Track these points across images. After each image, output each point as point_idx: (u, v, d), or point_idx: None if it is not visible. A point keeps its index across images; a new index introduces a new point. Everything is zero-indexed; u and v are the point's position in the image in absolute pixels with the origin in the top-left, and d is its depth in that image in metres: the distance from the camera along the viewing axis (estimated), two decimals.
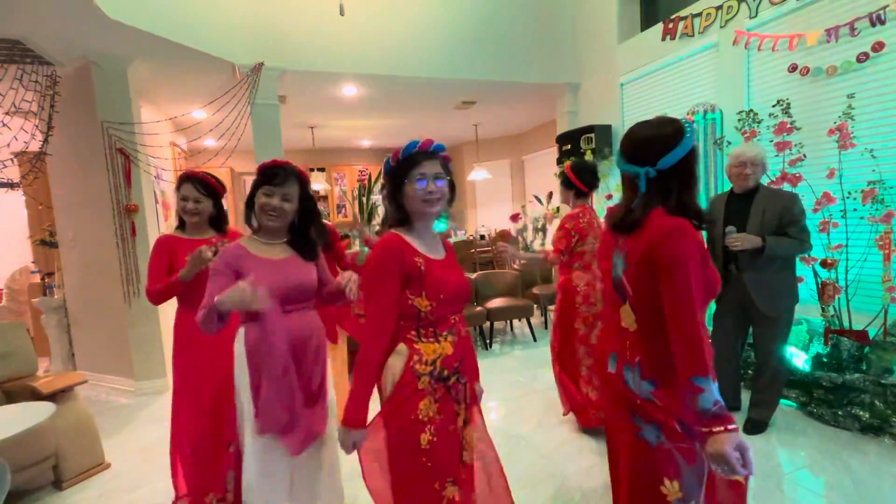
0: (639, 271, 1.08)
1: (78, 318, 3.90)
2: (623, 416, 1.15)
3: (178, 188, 1.84)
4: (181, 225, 1.89)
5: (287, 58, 3.79)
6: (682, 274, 0.99)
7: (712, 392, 0.97)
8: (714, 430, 0.96)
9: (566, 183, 2.55)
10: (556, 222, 3.62)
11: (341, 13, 3.31)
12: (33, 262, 4.56)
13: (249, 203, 1.49)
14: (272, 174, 1.44)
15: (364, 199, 5.13)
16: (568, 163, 2.56)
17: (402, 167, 1.24)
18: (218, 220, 1.92)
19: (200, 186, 1.83)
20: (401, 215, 1.26)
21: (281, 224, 1.47)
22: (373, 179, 4.76)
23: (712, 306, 3.20)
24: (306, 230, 1.55)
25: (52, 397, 2.28)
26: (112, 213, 3.42)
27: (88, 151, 3.45)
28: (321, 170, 7.17)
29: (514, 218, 5.26)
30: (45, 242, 4.09)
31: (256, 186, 1.46)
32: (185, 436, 1.80)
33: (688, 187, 1.09)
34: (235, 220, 7.03)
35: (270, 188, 1.44)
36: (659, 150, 1.07)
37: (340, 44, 3.94)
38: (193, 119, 4.71)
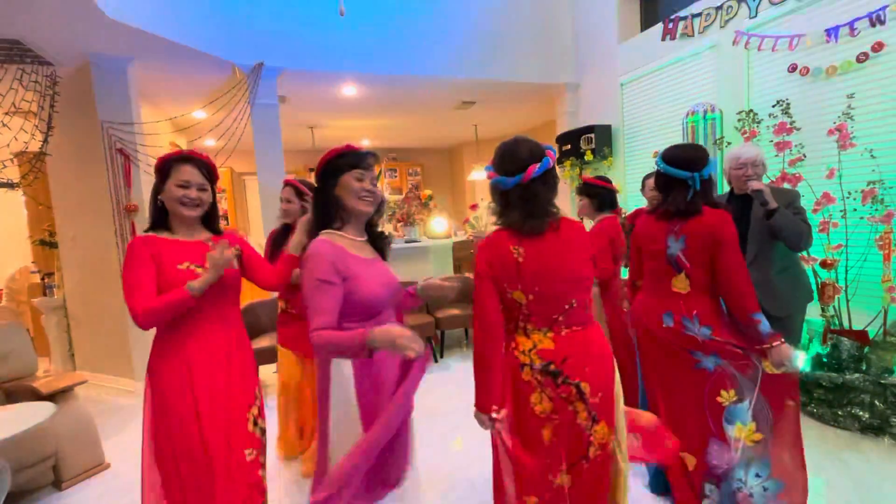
0: (702, 247, 1.57)
1: (78, 318, 3.90)
2: (681, 356, 1.63)
3: (166, 172, 1.39)
4: (160, 223, 1.43)
5: (287, 58, 3.79)
6: (736, 246, 1.56)
7: (765, 320, 1.51)
8: (774, 343, 1.49)
9: (589, 192, 2.47)
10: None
11: (341, 14, 3.31)
12: (33, 262, 4.56)
13: (326, 192, 1.26)
14: (363, 156, 1.26)
15: None
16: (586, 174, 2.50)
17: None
18: (211, 217, 1.49)
19: (206, 171, 1.43)
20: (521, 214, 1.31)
21: (372, 211, 1.29)
22: None
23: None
24: (378, 225, 1.38)
25: (51, 397, 2.28)
26: (112, 213, 3.42)
27: (88, 151, 3.45)
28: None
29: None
30: (45, 242, 4.09)
31: (338, 171, 1.24)
32: None
33: (713, 191, 1.67)
34: (236, 220, 7.04)
35: (362, 172, 1.24)
36: (703, 163, 1.60)
37: (340, 44, 3.94)
38: (193, 119, 4.71)
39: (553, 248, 1.24)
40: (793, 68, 2.88)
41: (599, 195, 2.49)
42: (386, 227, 6.26)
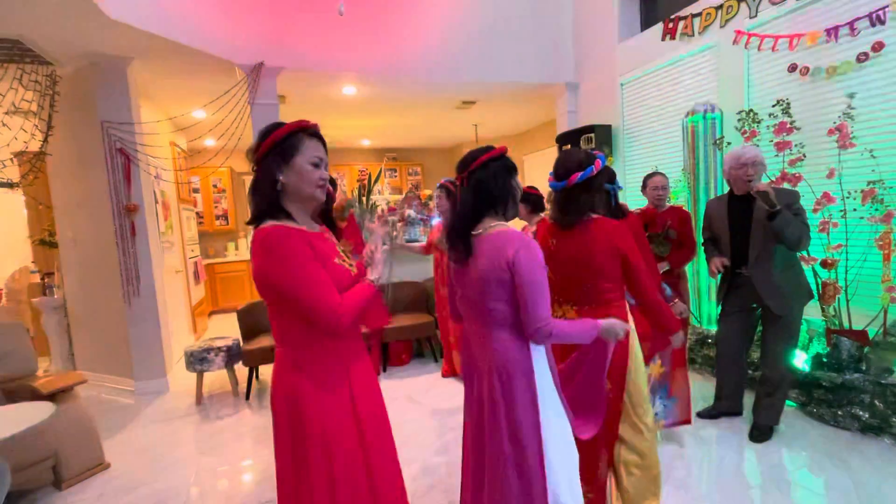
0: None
1: (78, 317, 3.90)
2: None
3: (294, 148, 1.11)
4: (278, 210, 1.13)
5: (287, 57, 3.79)
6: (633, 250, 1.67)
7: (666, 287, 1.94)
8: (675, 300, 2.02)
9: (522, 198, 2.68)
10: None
11: (341, 13, 3.31)
12: (33, 262, 4.56)
13: (509, 184, 1.29)
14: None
15: (364, 199, 5.12)
16: None
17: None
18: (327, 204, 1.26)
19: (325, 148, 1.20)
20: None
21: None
22: (372, 179, 4.74)
23: (716, 308, 3.19)
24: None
25: (51, 397, 2.29)
26: (112, 213, 3.42)
27: (88, 151, 3.45)
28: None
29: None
30: (45, 242, 4.09)
31: (510, 168, 1.29)
32: None
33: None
34: (236, 220, 7.04)
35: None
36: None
37: (340, 44, 3.93)
38: (193, 119, 4.71)
39: (578, 242, 1.44)
40: (793, 68, 2.88)
41: (531, 200, 2.77)
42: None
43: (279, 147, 1.11)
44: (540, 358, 1.25)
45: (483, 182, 1.27)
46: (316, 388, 1.11)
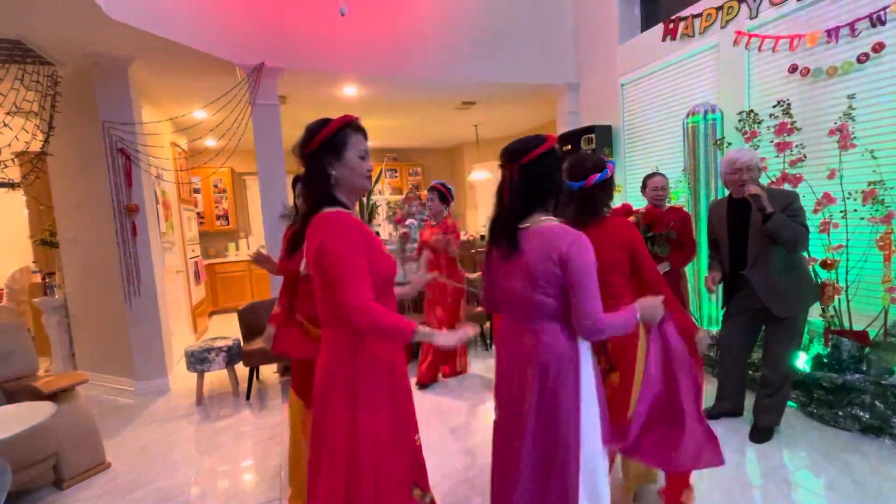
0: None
1: (78, 317, 3.90)
2: None
3: (344, 142, 1.20)
4: (334, 200, 1.21)
5: (287, 58, 3.79)
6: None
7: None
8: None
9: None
10: None
11: (342, 14, 3.32)
12: (34, 262, 4.56)
13: (561, 179, 1.30)
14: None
15: (364, 199, 5.12)
16: None
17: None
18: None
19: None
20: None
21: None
22: (373, 180, 4.72)
23: (718, 310, 3.19)
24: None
25: (52, 397, 2.29)
26: (113, 213, 3.42)
27: (89, 151, 3.46)
28: None
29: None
30: (46, 242, 4.09)
31: (561, 161, 1.31)
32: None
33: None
34: (236, 220, 7.04)
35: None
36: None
37: (341, 44, 3.94)
38: (194, 119, 4.71)
39: (593, 237, 1.38)
40: (793, 69, 2.88)
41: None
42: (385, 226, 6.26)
43: (329, 143, 1.19)
44: (586, 353, 1.25)
45: (537, 176, 1.25)
46: (373, 373, 1.18)
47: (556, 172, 1.27)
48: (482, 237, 6.93)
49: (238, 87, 3.70)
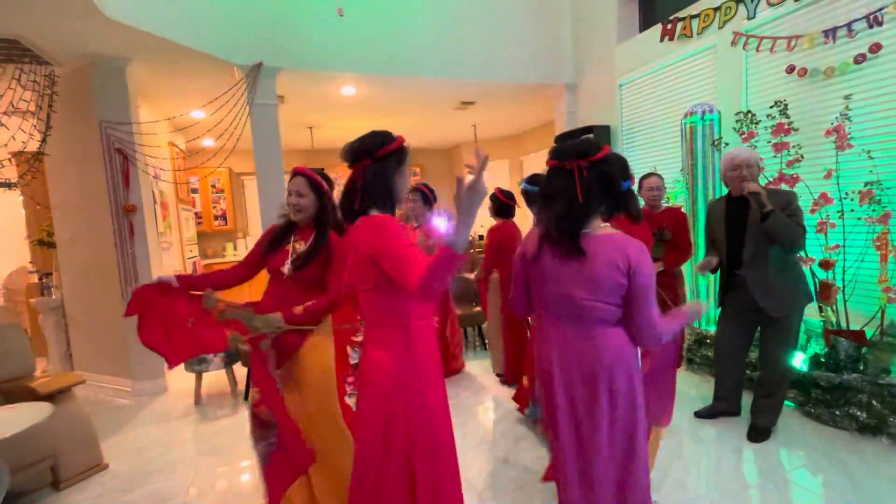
0: None
1: (76, 318, 3.89)
2: None
3: (404, 156, 1.39)
4: (385, 204, 1.37)
5: (286, 57, 3.79)
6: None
7: None
8: None
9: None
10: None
11: (340, 15, 3.32)
12: (31, 263, 4.55)
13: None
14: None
15: None
16: None
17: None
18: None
19: None
20: None
21: None
22: None
23: (715, 309, 3.19)
24: None
25: (49, 398, 2.28)
26: (110, 213, 3.41)
27: (86, 151, 3.45)
28: (320, 170, 7.14)
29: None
30: (43, 242, 4.08)
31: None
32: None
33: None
34: (234, 221, 7.03)
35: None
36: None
37: (339, 44, 3.93)
38: (192, 119, 4.70)
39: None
40: (791, 69, 2.89)
41: (500, 204, 3.18)
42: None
43: (397, 154, 1.33)
44: (637, 355, 1.32)
45: (609, 175, 1.23)
46: (429, 365, 1.31)
47: (615, 175, 1.26)
48: (480, 237, 6.93)
49: (236, 87, 3.69)
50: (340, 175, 7.87)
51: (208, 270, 1.69)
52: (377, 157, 1.30)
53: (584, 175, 1.22)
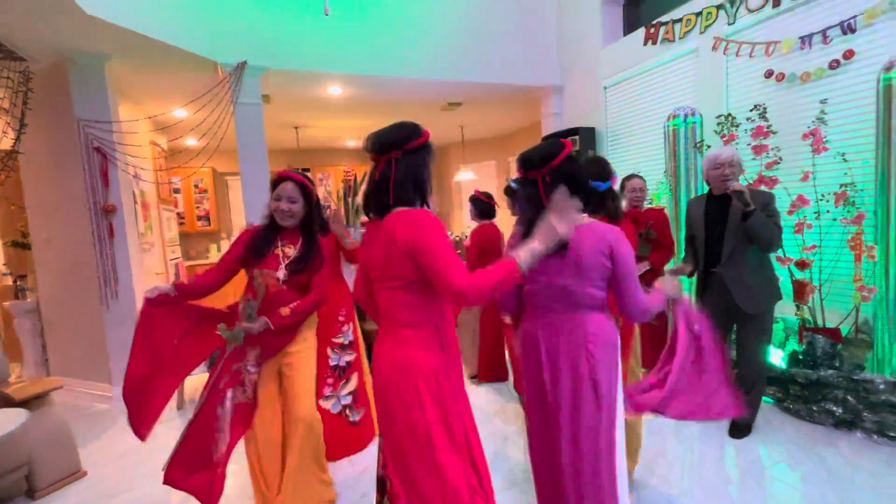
0: None
1: (52, 321, 3.78)
2: None
3: (431, 151, 1.40)
4: (416, 197, 1.35)
5: (271, 56, 3.75)
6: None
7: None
8: None
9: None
10: None
11: (326, 13, 3.29)
12: (5, 265, 4.40)
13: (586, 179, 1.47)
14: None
15: (350, 200, 5.07)
16: None
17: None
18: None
19: None
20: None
21: None
22: (358, 180, 4.70)
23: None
24: None
25: (24, 404, 2.21)
26: (89, 214, 3.33)
27: (64, 150, 3.35)
28: (305, 170, 7.09)
29: None
30: (18, 244, 3.96)
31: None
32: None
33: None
34: (218, 221, 6.91)
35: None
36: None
37: (325, 43, 3.91)
38: (174, 118, 4.61)
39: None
40: (769, 74, 2.96)
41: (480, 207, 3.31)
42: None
43: (426, 148, 1.31)
44: (618, 344, 1.39)
45: (571, 176, 1.36)
46: (460, 366, 1.31)
47: (579, 174, 1.39)
48: (458, 239, 6.94)
49: (219, 86, 3.64)
50: (328, 175, 7.81)
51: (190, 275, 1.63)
52: (407, 149, 1.26)
53: (547, 181, 1.35)
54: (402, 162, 1.26)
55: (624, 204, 3.08)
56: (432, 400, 1.22)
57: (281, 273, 1.71)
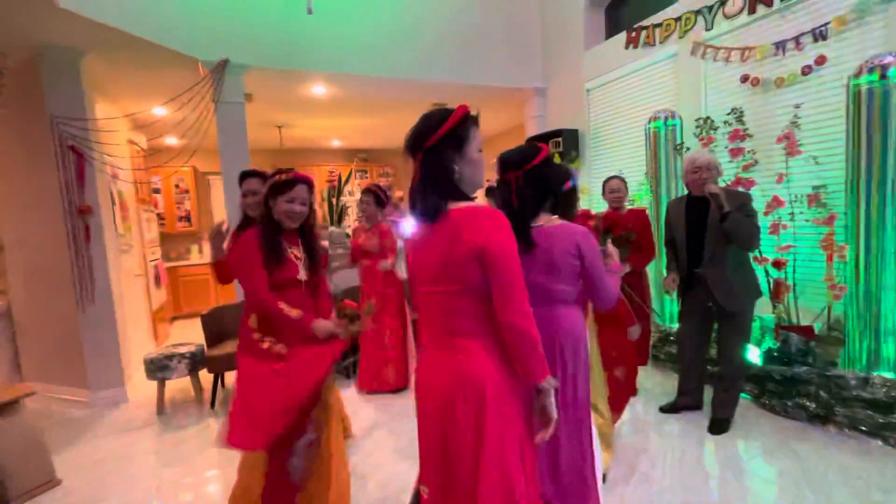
0: None
1: (24, 325, 3.66)
2: None
3: (465, 136, 1.16)
4: (463, 193, 1.23)
5: (253, 55, 3.69)
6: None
7: None
8: None
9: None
10: None
11: (309, 12, 3.26)
12: None
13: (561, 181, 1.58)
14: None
15: (334, 201, 5.03)
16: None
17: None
18: None
19: None
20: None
21: None
22: (342, 181, 4.66)
23: (675, 306, 3.32)
24: None
25: None
26: (63, 214, 3.23)
27: (36, 148, 3.25)
28: (289, 170, 6.98)
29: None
30: None
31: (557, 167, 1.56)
32: None
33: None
34: (199, 222, 6.78)
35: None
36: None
37: (309, 42, 3.87)
38: (153, 116, 4.50)
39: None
40: (745, 79, 3.04)
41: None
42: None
43: (452, 136, 1.12)
44: (587, 336, 1.52)
45: (545, 179, 1.45)
46: (514, 371, 1.16)
47: (553, 177, 1.47)
48: None
49: (200, 84, 3.57)
50: (312, 175, 7.72)
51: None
52: (427, 147, 1.12)
53: (520, 183, 1.44)
54: (425, 163, 1.15)
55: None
56: (504, 413, 1.11)
57: (303, 275, 1.69)
